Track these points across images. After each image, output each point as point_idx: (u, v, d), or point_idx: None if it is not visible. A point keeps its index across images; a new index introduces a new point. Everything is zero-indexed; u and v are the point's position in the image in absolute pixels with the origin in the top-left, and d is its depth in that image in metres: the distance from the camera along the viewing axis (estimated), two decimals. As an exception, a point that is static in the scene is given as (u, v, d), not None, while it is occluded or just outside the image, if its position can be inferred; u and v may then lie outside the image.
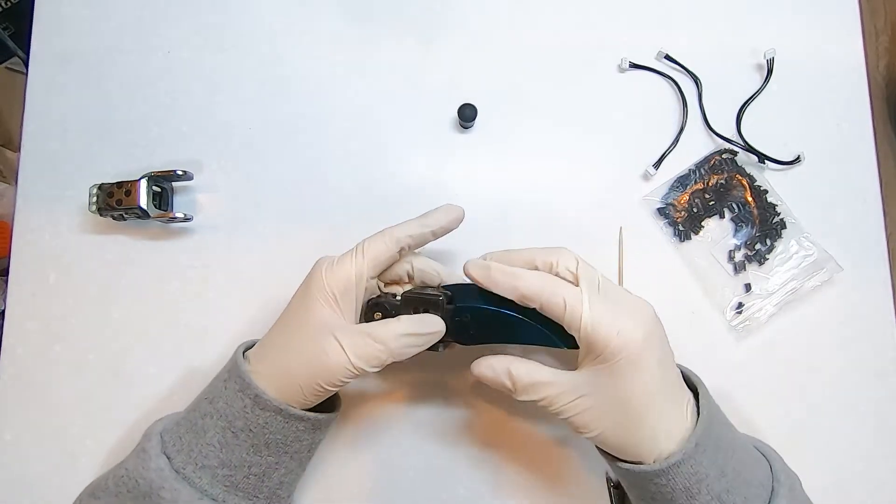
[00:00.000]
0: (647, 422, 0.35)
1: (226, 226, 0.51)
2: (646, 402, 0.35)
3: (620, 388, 0.35)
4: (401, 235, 0.40)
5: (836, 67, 0.52)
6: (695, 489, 0.35)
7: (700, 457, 0.35)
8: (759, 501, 0.36)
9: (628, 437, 0.36)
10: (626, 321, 0.35)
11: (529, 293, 0.36)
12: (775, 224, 0.49)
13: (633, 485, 0.38)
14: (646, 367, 0.35)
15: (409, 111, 0.52)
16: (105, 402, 0.48)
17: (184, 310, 0.49)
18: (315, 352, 0.37)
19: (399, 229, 0.40)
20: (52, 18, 0.55)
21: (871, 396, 0.47)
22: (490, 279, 0.37)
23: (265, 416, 0.37)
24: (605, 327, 0.35)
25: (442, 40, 0.53)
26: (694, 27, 0.53)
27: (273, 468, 0.39)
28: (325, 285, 0.38)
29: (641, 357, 0.35)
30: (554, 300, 0.36)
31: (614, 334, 0.34)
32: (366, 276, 0.39)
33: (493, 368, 0.38)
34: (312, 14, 0.54)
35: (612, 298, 0.36)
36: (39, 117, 0.53)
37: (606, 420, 0.36)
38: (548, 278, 0.37)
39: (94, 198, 0.48)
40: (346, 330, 0.38)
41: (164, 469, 0.36)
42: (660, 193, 0.50)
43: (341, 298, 0.38)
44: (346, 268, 0.38)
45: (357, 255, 0.39)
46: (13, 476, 0.48)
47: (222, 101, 0.53)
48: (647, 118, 0.52)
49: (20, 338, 0.49)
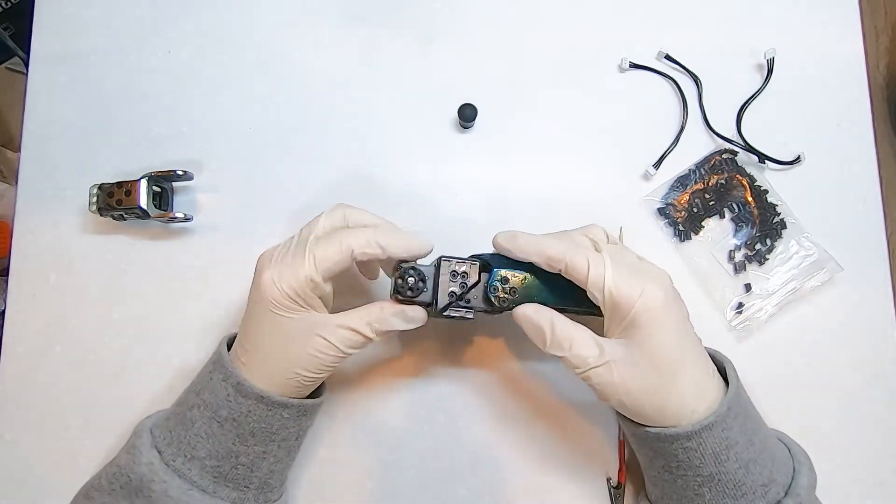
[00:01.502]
0: (677, 382, 0.36)
1: (226, 226, 0.51)
2: (675, 360, 0.36)
3: (647, 348, 0.35)
4: (356, 250, 0.37)
5: (836, 67, 0.52)
6: (723, 455, 0.35)
7: (731, 422, 0.35)
8: (783, 477, 0.36)
9: (658, 399, 0.36)
10: (647, 283, 0.36)
11: (555, 255, 0.37)
12: (775, 224, 0.49)
13: (660, 453, 0.37)
14: (670, 325, 0.36)
15: (409, 111, 0.52)
16: (105, 402, 0.48)
17: (184, 310, 0.49)
18: (300, 351, 0.37)
19: (355, 240, 0.37)
20: (52, 18, 0.55)
21: (871, 396, 0.47)
22: (517, 246, 0.38)
23: (248, 404, 0.37)
24: (628, 288, 0.35)
25: (442, 40, 0.53)
26: (694, 27, 0.53)
27: (261, 458, 0.39)
28: (278, 292, 0.36)
29: (666, 316, 0.36)
30: (577, 262, 0.36)
31: (636, 295, 0.35)
32: (319, 284, 0.37)
33: (538, 312, 0.38)
34: (312, 14, 0.54)
35: (632, 264, 0.38)
36: (39, 117, 0.53)
37: (636, 383, 0.36)
38: (571, 243, 0.38)
39: (94, 198, 0.48)
40: (325, 326, 0.37)
41: (155, 463, 0.37)
42: (660, 193, 0.50)
43: (304, 300, 0.37)
44: (295, 275, 0.36)
45: (308, 261, 0.36)
46: (13, 476, 0.48)
47: (222, 101, 0.53)
48: (647, 118, 0.52)
49: (20, 338, 0.49)
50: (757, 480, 0.35)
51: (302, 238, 0.38)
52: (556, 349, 0.37)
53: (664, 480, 0.38)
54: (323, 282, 0.37)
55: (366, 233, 0.37)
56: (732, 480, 0.35)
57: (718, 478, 0.35)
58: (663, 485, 0.39)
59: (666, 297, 0.36)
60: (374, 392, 0.48)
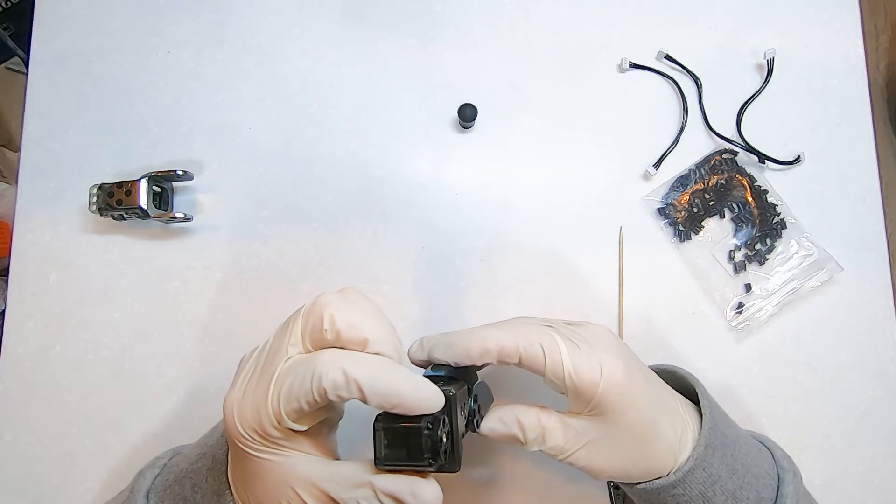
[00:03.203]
0: (658, 442, 0.35)
1: (226, 226, 0.51)
2: (651, 425, 0.34)
3: (623, 425, 0.34)
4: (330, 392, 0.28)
5: (836, 67, 0.52)
6: (710, 492, 0.35)
7: (710, 458, 0.35)
8: (768, 491, 0.36)
9: (644, 464, 0.35)
10: (603, 356, 0.33)
11: (507, 350, 0.33)
12: (775, 224, 0.49)
13: (651, 501, 0.37)
14: (638, 394, 0.34)
15: (409, 111, 0.52)
16: (105, 402, 0.48)
17: (184, 310, 0.49)
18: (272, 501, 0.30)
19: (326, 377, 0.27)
20: (52, 18, 0.55)
21: (871, 396, 0.47)
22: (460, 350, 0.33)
23: None
24: (588, 370, 0.33)
25: (442, 40, 0.53)
26: (694, 27, 0.53)
27: None
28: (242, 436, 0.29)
29: (630, 386, 0.33)
30: (532, 350, 0.33)
31: (597, 375, 0.33)
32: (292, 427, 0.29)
33: (502, 421, 0.35)
34: (312, 14, 0.54)
35: (577, 335, 0.34)
36: (39, 117, 0.53)
37: (619, 458, 0.35)
38: (519, 331, 0.33)
39: (95, 198, 0.48)
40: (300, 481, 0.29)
41: None
42: (660, 193, 0.50)
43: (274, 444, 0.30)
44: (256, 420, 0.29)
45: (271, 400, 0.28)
46: (13, 476, 0.48)
47: (222, 101, 0.53)
48: (647, 118, 0.52)
49: (20, 338, 0.49)
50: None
51: (269, 356, 0.30)
52: (536, 447, 0.35)
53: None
54: (296, 423, 0.29)
55: (348, 373, 0.27)
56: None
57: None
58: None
59: (625, 366, 0.33)
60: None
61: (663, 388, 0.37)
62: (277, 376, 0.28)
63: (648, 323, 0.48)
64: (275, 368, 0.29)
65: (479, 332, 0.34)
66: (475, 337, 0.33)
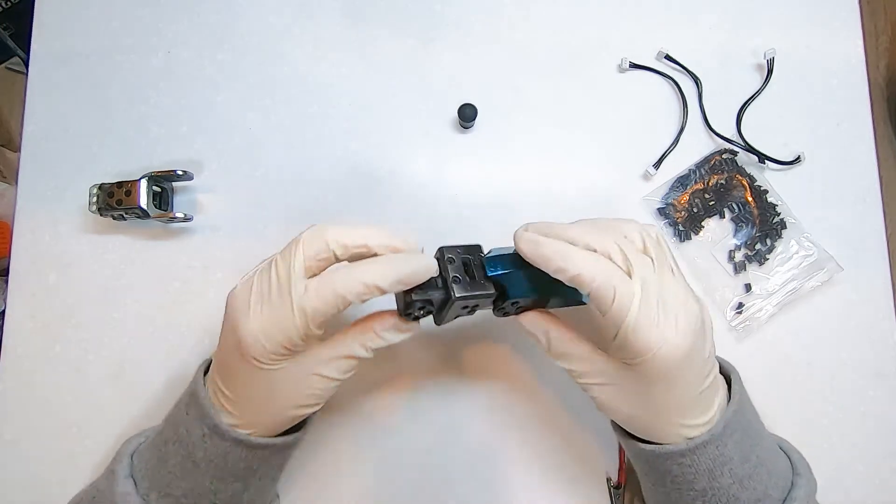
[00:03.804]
0: (681, 410, 0.34)
1: (226, 226, 0.51)
2: (673, 409, 0.34)
3: (656, 389, 0.33)
4: (353, 298, 0.32)
5: (836, 67, 0.52)
6: (717, 471, 0.34)
7: (727, 439, 0.35)
8: (778, 492, 0.36)
9: (660, 423, 0.35)
10: (670, 332, 0.32)
11: (581, 277, 0.32)
12: (775, 224, 0.49)
13: (654, 467, 0.37)
14: (680, 381, 0.33)
15: (409, 111, 0.52)
16: (105, 402, 0.48)
17: (184, 310, 0.49)
18: (295, 393, 0.35)
19: (350, 289, 0.32)
20: (52, 18, 0.55)
21: (871, 396, 0.47)
22: (541, 255, 0.34)
23: (224, 447, 0.35)
24: (646, 336, 0.32)
25: (442, 40, 0.53)
26: (694, 27, 0.53)
27: (241, 492, 0.37)
28: (264, 350, 0.33)
29: (678, 373, 0.33)
30: (603, 289, 0.32)
31: (654, 346, 0.32)
32: (314, 334, 0.34)
33: (534, 323, 0.37)
34: (312, 14, 0.54)
35: (664, 296, 0.33)
36: (39, 117, 0.53)
37: (637, 411, 0.35)
38: (601, 264, 0.33)
39: (95, 198, 0.48)
40: (321, 363, 0.35)
41: (130, 493, 0.35)
42: (660, 193, 0.50)
43: (292, 347, 0.33)
44: (284, 332, 0.32)
45: (298, 317, 0.32)
46: (13, 476, 0.48)
47: (222, 101, 0.53)
48: (647, 118, 0.52)
49: (20, 338, 0.49)
50: (752, 496, 0.35)
51: (282, 280, 0.33)
52: (555, 360, 0.36)
53: (658, 493, 0.38)
54: (318, 329, 0.33)
55: (362, 276, 0.32)
56: (726, 495, 0.35)
57: (712, 493, 0.35)
58: (657, 497, 0.38)
59: (686, 352, 0.32)
60: (374, 393, 0.48)
61: (712, 383, 0.35)
62: (298, 301, 0.32)
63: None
64: (291, 295, 0.32)
65: (565, 250, 0.33)
66: (559, 251, 0.33)
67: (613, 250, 0.33)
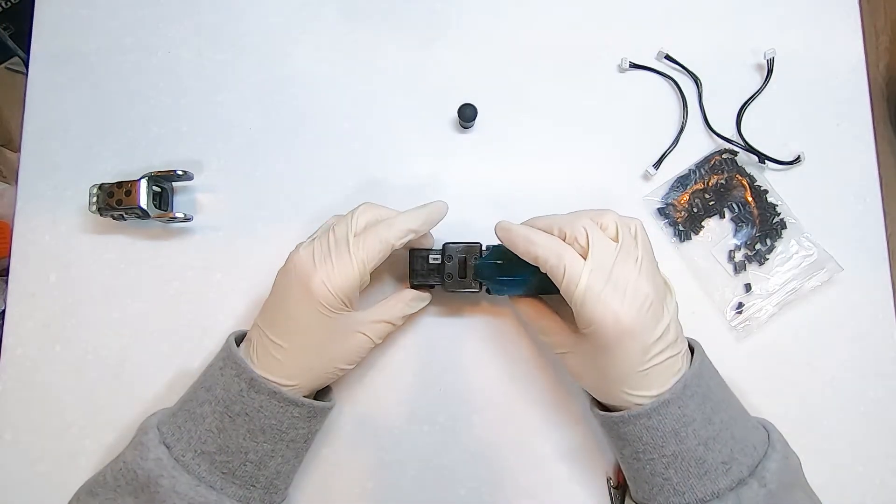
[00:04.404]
0: (643, 377, 0.37)
1: (226, 226, 0.51)
2: (616, 378, 0.37)
3: (596, 360, 0.38)
4: (396, 243, 0.41)
5: (836, 67, 0.52)
6: (682, 432, 0.36)
7: (687, 400, 0.37)
8: (747, 458, 0.37)
9: (604, 395, 0.39)
10: (616, 305, 0.36)
11: (539, 257, 0.38)
12: (775, 224, 0.49)
13: (627, 439, 0.38)
14: (625, 351, 0.36)
15: (409, 111, 0.52)
16: (105, 402, 0.48)
17: (184, 310, 0.49)
18: (342, 348, 0.41)
19: (393, 235, 0.40)
20: (52, 18, 0.55)
21: (871, 396, 0.47)
22: (510, 241, 0.40)
23: (260, 400, 0.38)
24: (594, 305, 0.36)
25: (442, 40, 0.53)
26: (694, 27, 0.53)
27: (269, 456, 0.39)
28: (330, 296, 0.39)
29: (622, 342, 0.36)
30: (555, 267, 0.37)
31: (600, 315, 0.36)
32: (365, 281, 0.40)
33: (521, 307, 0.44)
34: (313, 14, 0.54)
35: (615, 276, 0.36)
36: (39, 117, 0.53)
37: (589, 378, 0.40)
38: (556, 245, 0.38)
39: (95, 198, 0.48)
40: (365, 323, 0.42)
41: (163, 458, 0.37)
42: (660, 193, 0.50)
43: (350, 300, 0.40)
44: (346, 278, 0.39)
45: (357, 264, 0.39)
46: (13, 476, 0.48)
47: (222, 101, 0.53)
48: (647, 118, 0.52)
49: (20, 338, 0.49)
50: (717, 458, 0.36)
51: (339, 237, 0.40)
52: (539, 334, 0.43)
53: (635, 470, 0.39)
54: (366, 279, 0.40)
55: (398, 224, 0.41)
56: (693, 457, 0.36)
57: (681, 456, 0.36)
58: (636, 475, 0.39)
59: (631, 323, 0.35)
60: (374, 392, 0.48)
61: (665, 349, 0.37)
62: (354, 252, 0.39)
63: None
64: (350, 249, 0.39)
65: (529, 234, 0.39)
66: (522, 235, 0.39)
67: (580, 234, 0.38)
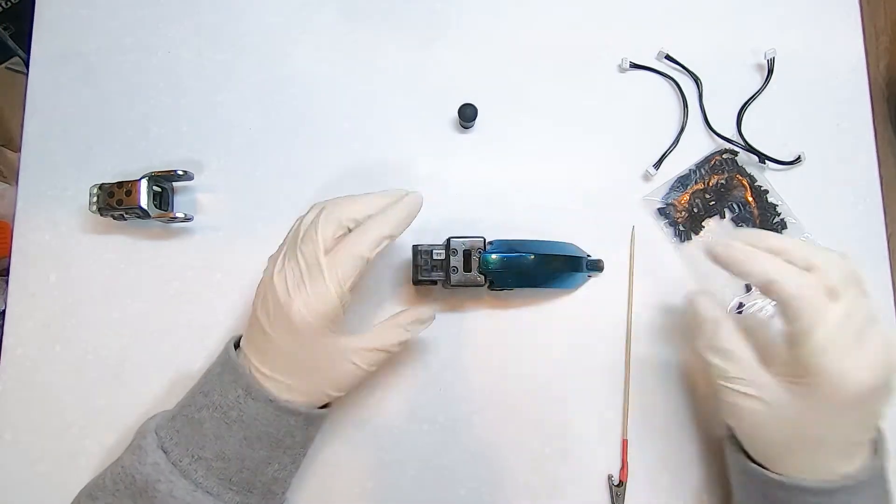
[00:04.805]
0: (833, 445, 0.32)
1: (226, 226, 0.51)
2: (832, 443, 0.32)
3: (806, 416, 0.31)
4: (369, 253, 0.37)
5: (836, 67, 0.52)
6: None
7: (866, 491, 0.32)
8: None
9: (803, 455, 0.33)
10: (862, 362, 0.30)
11: (786, 291, 0.31)
12: (776, 224, 0.49)
13: (770, 498, 0.34)
14: (850, 417, 0.31)
15: (409, 111, 0.52)
16: (105, 402, 0.48)
17: (184, 310, 0.49)
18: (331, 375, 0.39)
19: (366, 248, 0.37)
20: (52, 18, 0.55)
21: (872, 396, 0.47)
22: (731, 257, 0.34)
23: (256, 407, 0.38)
24: (831, 363, 0.30)
25: (442, 40, 0.53)
26: (694, 27, 0.53)
27: (266, 462, 0.39)
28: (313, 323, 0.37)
29: (853, 409, 0.31)
30: (799, 304, 0.31)
31: (837, 372, 0.30)
32: (346, 301, 0.38)
33: (708, 309, 0.37)
34: (313, 14, 0.54)
35: (863, 326, 0.31)
36: (39, 117, 0.53)
37: (785, 434, 0.33)
38: (806, 278, 0.32)
39: (95, 198, 0.48)
40: (356, 351, 0.39)
41: (161, 463, 0.37)
42: (660, 193, 0.50)
43: (334, 323, 0.38)
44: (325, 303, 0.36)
45: (332, 285, 0.36)
46: (13, 476, 0.48)
47: (222, 101, 0.53)
48: (647, 118, 0.52)
49: (20, 338, 0.49)
50: None
51: (309, 260, 0.37)
52: (709, 354, 0.35)
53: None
54: (350, 293, 0.38)
55: (370, 233, 0.37)
56: None
57: None
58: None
59: (873, 387, 0.30)
60: (374, 391, 0.48)
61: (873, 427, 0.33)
62: (328, 274, 0.36)
63: (649, 323, 0.48)
64: (320, 264, 0.36)
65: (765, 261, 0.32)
66: (758, 260, 0.33)
67: (827, 268, 0.32)
